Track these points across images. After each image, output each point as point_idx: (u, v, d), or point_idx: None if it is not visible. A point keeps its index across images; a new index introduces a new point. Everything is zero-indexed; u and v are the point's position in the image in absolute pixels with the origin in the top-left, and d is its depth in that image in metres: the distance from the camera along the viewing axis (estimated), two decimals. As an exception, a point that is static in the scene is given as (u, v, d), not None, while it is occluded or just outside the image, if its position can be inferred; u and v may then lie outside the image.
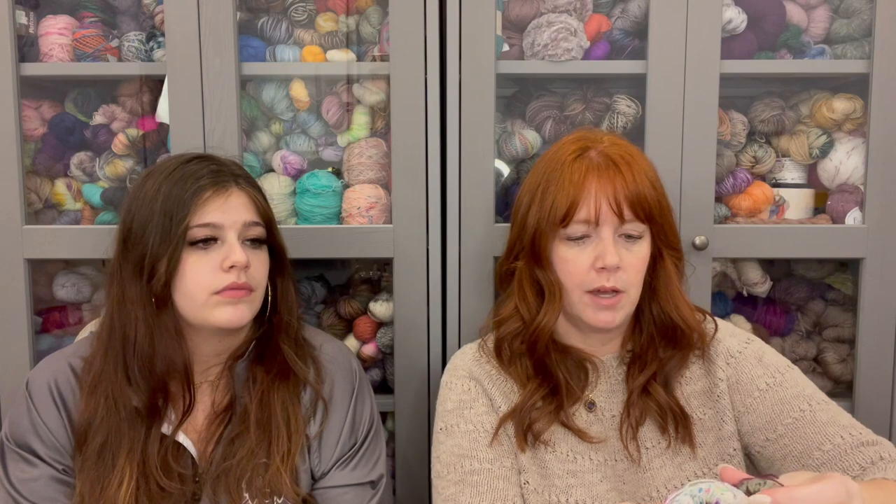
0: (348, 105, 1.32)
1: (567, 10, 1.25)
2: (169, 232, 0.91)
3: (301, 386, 1.01)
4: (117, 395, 0.93)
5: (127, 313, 0.93)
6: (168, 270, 0.91)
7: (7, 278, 1.27)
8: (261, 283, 0.98)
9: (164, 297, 0.92)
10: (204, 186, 0.93)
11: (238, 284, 0.93)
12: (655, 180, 0.93)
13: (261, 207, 0.98)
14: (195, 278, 0.92)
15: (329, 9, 1.32)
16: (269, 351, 1.01)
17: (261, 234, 0.98)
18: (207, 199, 0.93)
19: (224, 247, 0.94)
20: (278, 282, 1.03)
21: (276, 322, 1.02)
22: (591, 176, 0.90)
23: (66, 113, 1.36)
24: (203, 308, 0.93)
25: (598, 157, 0.92)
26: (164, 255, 0.91)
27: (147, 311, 0.92)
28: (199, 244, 0.93)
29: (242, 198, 0.96)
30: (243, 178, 0.99)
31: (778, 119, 1.31)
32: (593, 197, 0.89)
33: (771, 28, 1.29)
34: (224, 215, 0.93)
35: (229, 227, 0.94)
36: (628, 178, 0.90)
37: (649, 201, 0.90)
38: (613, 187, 0.89)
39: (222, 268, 0.92)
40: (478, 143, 1.23)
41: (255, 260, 0.96)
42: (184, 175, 0.94)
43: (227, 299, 0.93)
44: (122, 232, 0.95)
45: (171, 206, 0.92)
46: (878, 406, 1.28)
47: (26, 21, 1.30)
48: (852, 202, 1.28)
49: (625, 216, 0.89)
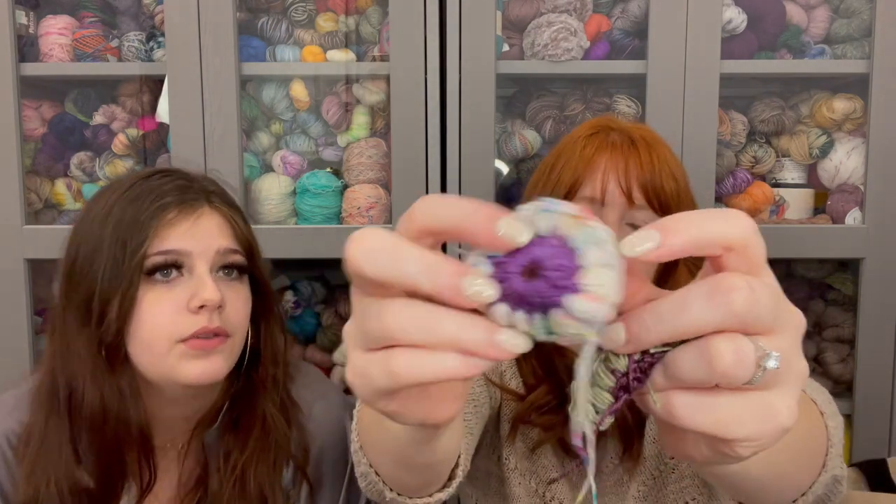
0: (348, 105, 1.32)
1: (567, 10, 1.25)
2: (121, 263, 0.72)
3: (284, 461, 0.82)
4: (62, 476, 0.74)
5: (72, 369, 0.74)
6: (121, 313, 0.71)
7: (7, 278, 1.26)
8: (239, 326, 0.78)
9: (116, 348, 0.73)
10: (167, 205, 0.74)
11: (210, 329, 0.73)
12: (679, 173, 0.83)
13: (239, 231, 0.79)
14: (154, 321, 0.72)
15: (329, 9, 1.32)
16: (247, 415, 0.81)
17: (239, 262, 0.78)
18: (171, 220, 0.74)
19: (192, 281, 0.74)
20: (261, 324, 0.83)
21: (257, 377, 0.82)
22: (603, 152, 0.81)
23: (66, 113, 1.36)
24: (164, 361, 0.73)
25: (616, 136, 0.83)
26: (115, 294, 0.71)
27: (96, 366, 0.73)
28: (159, 276, 0.73)
29: (215, 219, 0.78)
30: (217, 194, 0.81)
31: (778, 119, 1.31)
32: (601, 173, 0.80)
33: (771, 28, 1.29)
34: (192, 240, 0.74)
35: (198, 256, 0.74)
36: (644, 158, 0.80)
37: (666, 191, 0.80)
38: (625, 165, 0.80)
39: (189, 308, 0.73)
40: (478, 143, 1.23)
41: (231, 297, 0.77)
42: (142, 192, 0.75)
43: (196, 350, 0.73)
44: (66, 267, 0.76)
45: (125, 231, 0.73)
46: (878, 406, 1.28)
47: (26, 21, 1.30)
48: (852, 202, 1.28)
49: (634, 199, 0.79)
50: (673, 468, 0.84)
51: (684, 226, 0.29)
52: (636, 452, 0.84)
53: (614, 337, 0.29)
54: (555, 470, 0.87)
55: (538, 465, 0.88)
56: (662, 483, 0.84)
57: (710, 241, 0.29)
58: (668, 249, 0.29)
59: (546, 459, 0.88)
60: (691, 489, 0.84)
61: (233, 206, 0.82)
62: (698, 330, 0.28)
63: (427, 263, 0.29)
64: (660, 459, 0.85)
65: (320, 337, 1.39)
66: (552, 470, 0.87)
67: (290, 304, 1.37)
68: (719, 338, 0.28)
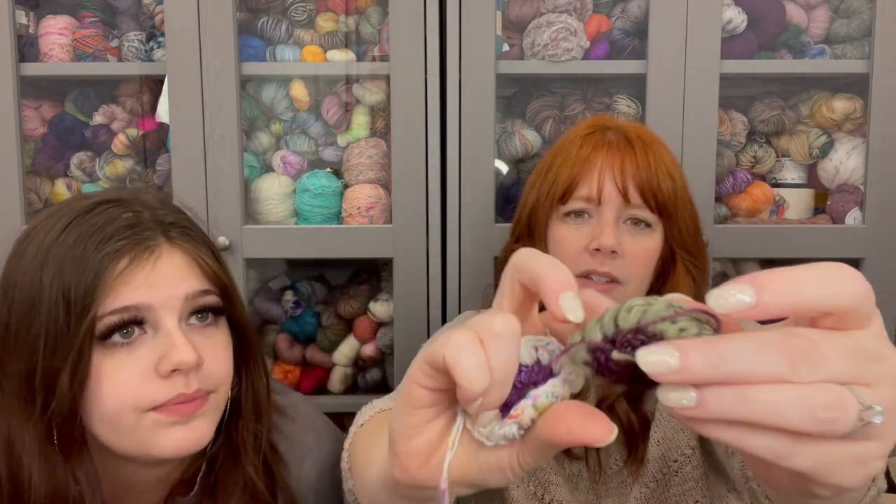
0: (348, 105, 1.32)
1: (567, 10, 1.25)
2: (67, 325, 0.58)
3: None
4: None
5: (17, 462, 0.60)
6: (73, 389, 0.58)
7: (7, 278, 1.26)
8: (222, 379, 0.66)
9: (70, 431, 0.60)
10: (117, 251, 0.60)
11: (188, 396, 0.61)
12: (675, 172, 0.84)
13: (208, 268, 0.66)
14: (116, 393, 0.59)
15: (329, 9, 1.32)
16: (227, 478, 0.69)
17: (213, 304, 0.65)
18: (124, 270, 0.60)
19: (158, 338, 0.61)
20: (242, 372, 0.71)
21: (238, 435, 0.69)
22: (600, 151, 0.82)
23: (66, 113, 1.36)
24: (135, 434, 0.61)
25: (613, 135, 0.84)
26: (63, 368, 0.58)
27: (46, 456, 0.60)
28: (119, 337, 0.60)
29: (177, 258, 0.64)
30: (177, 226, 0.66)
31: (778, 119, 1.31)
32: (597, 172, 0.80)
33: (771, 28, 1.29)
34: (152, 290, 0.61)
35: (162, 308, 0.61)
36: (640, 158, 0.80)
37: (663, 190, 0.80)
38: (621, 164, 0.80)
39: (159, 373, 0.60)
40: (478, 143, 1.23)
41: (209, 347, 0.64)
42: (83, 234, 0.61)
43: (174, 417, 0.61)
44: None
45: (66, 290, 0.59)
46: (878, 406, 1.28)
47: (26, 21, 1.30)
48: (852, 202, 1.28)
49: (630, 198, 0.80)
50: (676, 471, 0.84)
51: (784, 287, 0.27)
52: (640, 455, 0.84)
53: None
54: (554, 472, 0.87)
55: (537, 469, 0.88)
56: (665, 486, 0.84)
57: (811, 308, 0.28)
58: (765, 310, 0.27)
59: (545, 462, 0.87)
60: (694, 492, 0.83)
61: (198, 239, 0.67)
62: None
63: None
64: (663, 462, 0.84)
65: (320, 337, 1.39)
66: (551, 472, 0.87)
67: (290, 304, 1.37)
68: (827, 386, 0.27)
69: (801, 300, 0.27)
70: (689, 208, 0.86)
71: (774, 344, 0.27)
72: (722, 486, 0.85)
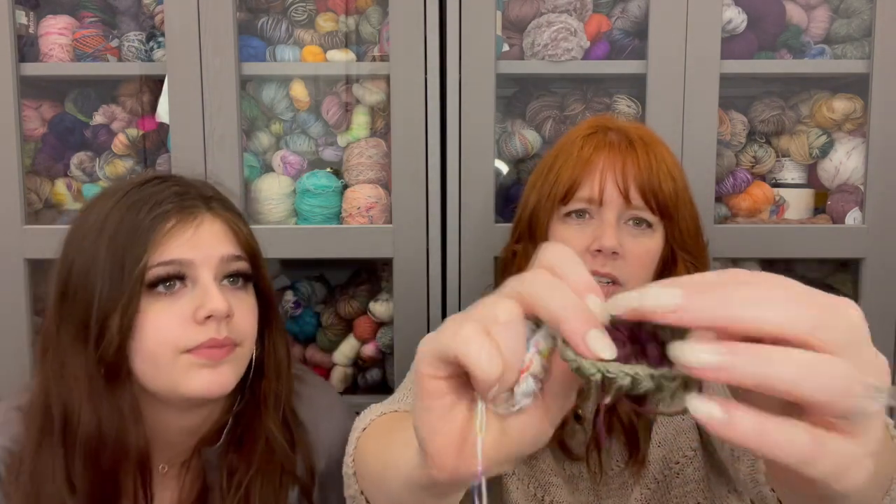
0: (348, 105, 1.32)
1: (567, 10, 1.25)
2: (121, 277, 0.69)
3: (290, 479, 0.80)
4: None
5: (67, 391, 0.70)
6: (122, 329, 0.68)
7: (7, 278, 1.26)
8: (248, 334, 0.76)
9: (116, 366, 0.70)
10: (165, 213, 0.71)
11: (218, 341, 0.70)
12: (677, 172, 0.84)
13: (242, 237, 0.77)
14: (158, 334, 0.69)
15: (329, 9, 1.32)
16: (251, 434, 0.78)
17: (244, 269, 0.76)
18: (171, 229, 0.71)
19: (196, 291, 0.71)
20: (265, 335, 0.80)
21: (261, 392, 0.79)
22: (601, 152, 0.82)
23: (66, 113, 1.36)
24: (170, 372, 0.70)
25: (615, 136, 0.84)
26: (115, 310, 0.68)
27: (94, 387, 0.69)
28: (162, 288, 0.71)
29: (217, 226, 0.75)
30: (217, 200, 0.78)
31: (778, 119, 1.31)
32: (599, 174, 0.81)
33: (771, 28, 1.29)
34: (194, 249, 0.72)
35: (202, 265, 0.72)
36: (642, 159, 0.81)
37: (664, 190, 0.81)
38: (623, 165, 0.80)
39: (196, 319, 0.70)
40: (478, 143, 1.23)
41: (238, 306, 0.74)
42: (137, 201, 0.72)
43: (203, 360, 0.70)
44: (59, 284, 0.72)
45: (123, 243, 0.70)
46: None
47: (26, 21, 1.30)
48: (852, 202, 1.28)
49: (631, 199, 0.80)
50: (678, 472, 0.84)
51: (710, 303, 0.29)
52: (641, 457, 0.84)
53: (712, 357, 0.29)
54: (554, 473, 0.87)
55: (536, 469, 0.88)
56: (667, 487, 0.84)
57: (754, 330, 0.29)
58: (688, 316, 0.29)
59: (544, 463, 0.88)
60: (696, 493, 0.83)
61: (234, 212, 0.79)
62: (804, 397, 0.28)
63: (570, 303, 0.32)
64: (664, 464, 0.84)
65: (320, 337, 1.39)
66: (551, 474, 0.87)
67: (290, 304, 1.37)
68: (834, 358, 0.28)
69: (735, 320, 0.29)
70: (690, 209, 0.86)
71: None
72: (723, 487, 0.85)
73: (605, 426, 0.84)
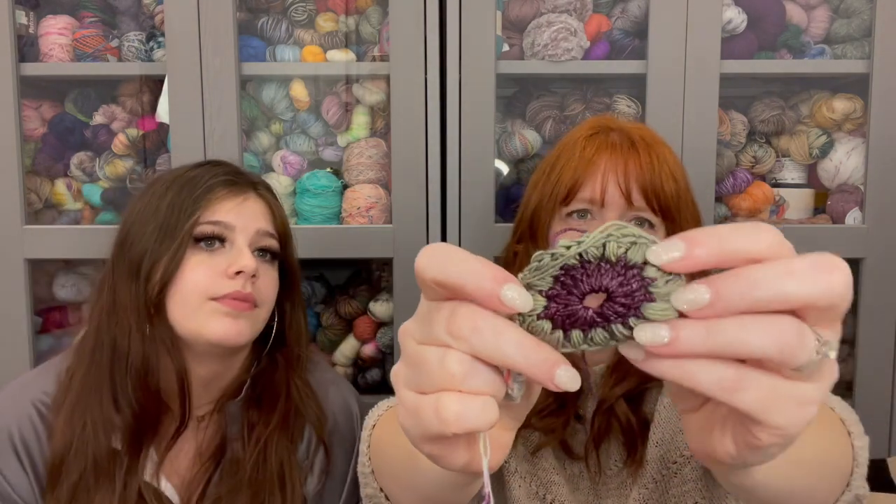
0: (348, 105, 1.32)
1: (567, 10, 1.25)
2: (174, 228, 0.81)
3: (299, 435, 0.88)
4: (99, 422, 0.79)
5: (119, 322, 0.81)
6: (167, 272, 0.80)
7: (7, 278, 1.26)
8: (267, 300, 0.86)
9: (158, 305, 0.80)
10: (219, 184, 0.85)
11: (242, 295, 0.81)
12: (679, 173, 0.84)
13: (279, 219, 0.90)
14: (193, 278, 0.80)
15: (329, 9, 1.32)
16: (270, 391, 0.88)
17: (273, 247, 0.88)
18: (221, 196, 0.84)
19: (232, 251, 0.83)
20: (287, 307, 0.91)
21: (284, 356, 0.90)
22: (603, 153, 0.82)
23: (66, 113, 1.37)
24: (196, 314, 0.80)
25: (616, 136, 0.84)
26: (164, 254, 0.80)
27: (141, 319, 0.80)
28: (204, 245, 0.82)
29: (260, 205, 0.88)
30: (263, 186, 0.91)
31: (778, 119, 1.31)
32: (601, 174, 0.81)
33: (771, 28, 1.29)
34: (237, 217, 0.84)
35: (241, 231, 0.84)
36: (644, 160, 0.81)
37: (666, 192, 0.81)
38: (625, 166, 0.80)
39: (227, 273, 0.81)
40: (478, 143, 1.23)
41: (264, 274, 0.86)
42: (197, 175, 0.85)
43: (227, 308, 0.80)
44: (121, 234, 0.85)
45: (180, 202, 0.82)
46: (878, 406, 1.28)
47: (26, 21, 1.30)
48: (852, 202, 1.28)
49: (633, 200, 0.80)
50: (675, 472, 0.84)
51: (709, 238, 0.30)
52: (639, 457, 0.84)
53: (698, 300, 0.29)
54: (556, 472, 0.87)
55: (538, 468, 0.88)
56: (665, 487, 0.84)
57: (734, 255, 0.30)
58: (693, 261, 0.30)
59: (546, 462, 0.88)
60: (693, 493, 0.83)
61: (275, 198, 0.92)
62: (791, 304, 0.29)
63: (472, 269, 0.31)
64: (662, 464, 0.84)
65: (320, 337, 1.39)
66: (552, 472, 0.87)
67: (290, 304, 1.37)
68: (790, 318, 0.29)
69: (726, 248, 0.30)
70: (692, 209, 0.86)
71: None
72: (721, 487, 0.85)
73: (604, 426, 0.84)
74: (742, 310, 0.29)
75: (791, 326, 0.29)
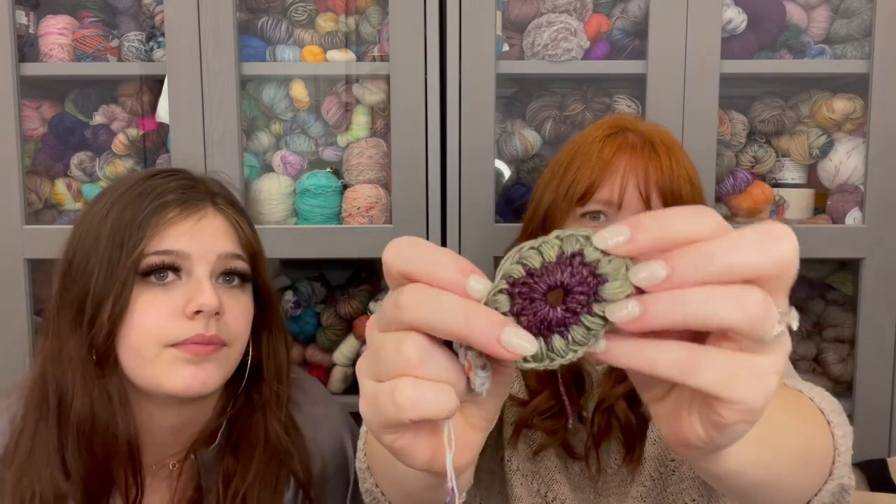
0: (348, 105, 1.32)
1: (567, 10, 1.25)
2: (116, 262, 0.68)
3: (284, 483, 0.77)
4: (48, 490, 0.69)
5: (62, 373, 0.69)
6: (113, 315, 0.67)
7: (7, 278, 1.26)
8: (239, 335, 0.74)
9: (106, 352, 0.69)
10: (168, 204, 0.71)
11: (205, 338, 0.68)
12: (695, 177, 0.84)
13: (243, 236, 0.75)
14: (144, 322, 0.68)
15: (329, 9, 1.32)
16: (247, 438, 0.76)
17: (241, 269, 0.74)
18: (171, 219, 0.70)
19: (189, 283, 0.70)
20: (263, 336, 0.78)
21: (260, 395, 0.77)
22: (623, 154, 0.80)
23: (66, 113, 1.37)
24: (153, 366, 0.68)
25: (635, 137, 0.82)
26: (109, 295, 0.68)
27: (86, 370, 0.69)
28: (155, 279, 0.69)
29: (219, 222, 0.74)
30: (223, 197, 0.77)
31: (778, 119, 1.31)
32: (620, 176, 0.79)
33: (771, 28, 1.29)
34: (192, 242, 0.70)
35: (198, 259, 0.70)
36: (665, 163, 0.80)
37: (684, 197, 0.80)
38: (645, 169, 0.79)
39: (185, 313, 0.68)
40: (478, 143, 1.23)
41: (231, 304, 0.72)
42: (143, 191, 0.71)
43: (188, 356, 0.68)
44: (63, 266, 0.73)
45: (123, 229, 0.69)
46: (878, 406, 1.28)
47: (26, 21, 1.30)
48: (852, 202, 1.28)
49: (652, 205, 0.79)
50: (673, 470, 0.84)
51: (653, 222, 0.30)
52: (637, 455, 0.84)
53: (654, 275, 0.30)
54: (557, 471, 0.88)
55: (541, 467, 0.88)
56: (663, 484, 0.85)
57: (677, 238, 0.30)
58: (638, 244, 0.30)
59: (548, 461, 0.88)
60: (691, 490, 0.84)
61: (238, 210, 0.78)
62: (744, 273, 0.29)
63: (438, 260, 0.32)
64: (660, 461, 0.85)
65: (320, 337, 1.39)
66: (555, 471, 0.88)
67: (290, 304, 1.37)
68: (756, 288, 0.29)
69: (669, 232, 0.30)
70: None
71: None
72: None
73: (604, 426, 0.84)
74: (697, 283, 0.29)
75: (757, 297, 0.29)
